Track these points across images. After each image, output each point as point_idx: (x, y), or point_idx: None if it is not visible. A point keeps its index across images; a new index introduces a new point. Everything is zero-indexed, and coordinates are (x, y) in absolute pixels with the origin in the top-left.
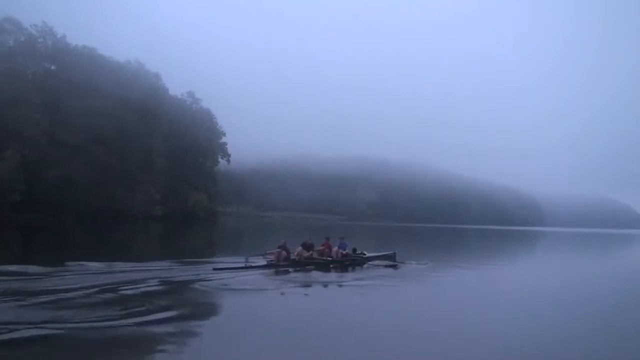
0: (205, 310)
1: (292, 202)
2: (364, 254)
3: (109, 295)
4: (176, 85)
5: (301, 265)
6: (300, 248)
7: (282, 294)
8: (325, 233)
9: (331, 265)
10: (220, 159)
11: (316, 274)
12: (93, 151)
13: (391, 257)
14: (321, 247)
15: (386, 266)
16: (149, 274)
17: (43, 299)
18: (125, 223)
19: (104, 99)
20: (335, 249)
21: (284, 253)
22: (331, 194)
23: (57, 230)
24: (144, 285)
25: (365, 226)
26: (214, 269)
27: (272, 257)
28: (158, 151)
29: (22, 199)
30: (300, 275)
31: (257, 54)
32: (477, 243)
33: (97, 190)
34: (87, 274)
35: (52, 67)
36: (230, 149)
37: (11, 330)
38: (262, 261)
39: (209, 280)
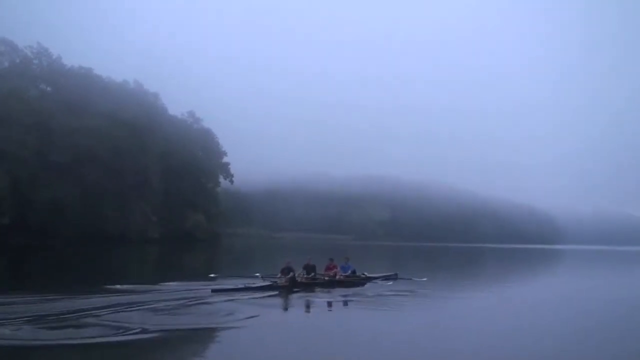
0: None
1: (301, 222)
2: (365, 275)
3: None
4: (182, 107)
5: (304, 286)
6: (302, 271)
7: (286, 310)
8: (333, 254)
9: (334, 286)
10: (223, 179)
11: (319, 295)
12: (86, 172)
13: (393, 279)
14: (325, 271)
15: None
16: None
17: None
18: (119, 246)
19: (98, 118)
20: (337, 270)
21: (289, 274)
22: (341, 213)
23: (38, 255)
24: None
25: (375, 246)
26: (213, 291)
27: (276, 279)
28: (154, 171)
29: (11, 222)
30: (303, 296)
31: (267, 75)
32: (489, 263)
33: (90, 212)
34: None
35: (48, 88)
36: (239, 170)
37: None
38: (266, 282)
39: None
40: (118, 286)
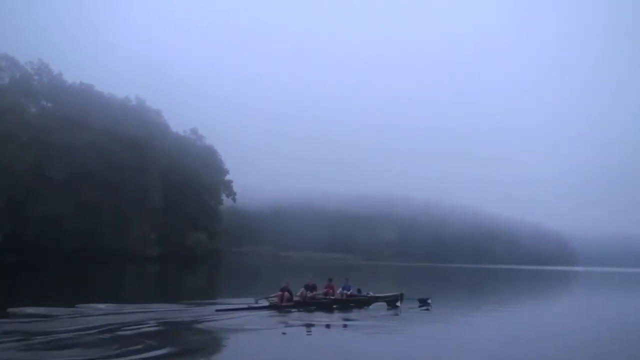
0: None
1: (309, 241)
2: (369, 294)
3: None
4: (186, 124)
5: (304, 306)
6: (303, 290)
7: (284, 333)
8: (336, 275)
9: (334, 306)
10: (225, 197)
11: (319, 314)
12: (84, 188)
13: (398, 298)
14: (325, 289)
15: (391, 307)
16: None
17: None
18: (115, 263)
19: (97, 134)
20: (339, 290)
21: (287, 294)
22: (349, 233)
23: (18, 273)
24: None
25: (382, 267)
26: (217, 310)
27: (275, 299)
28: (155, 188)
29: (5, 239)
30: (303, 316)
31: (273, 92)
32: (498, 287)
33: (88, 228)
34: None
35: (48, 104)
36: (245, 188)
37: None
38: (265, 303)
39: None
40: (30, 310)
